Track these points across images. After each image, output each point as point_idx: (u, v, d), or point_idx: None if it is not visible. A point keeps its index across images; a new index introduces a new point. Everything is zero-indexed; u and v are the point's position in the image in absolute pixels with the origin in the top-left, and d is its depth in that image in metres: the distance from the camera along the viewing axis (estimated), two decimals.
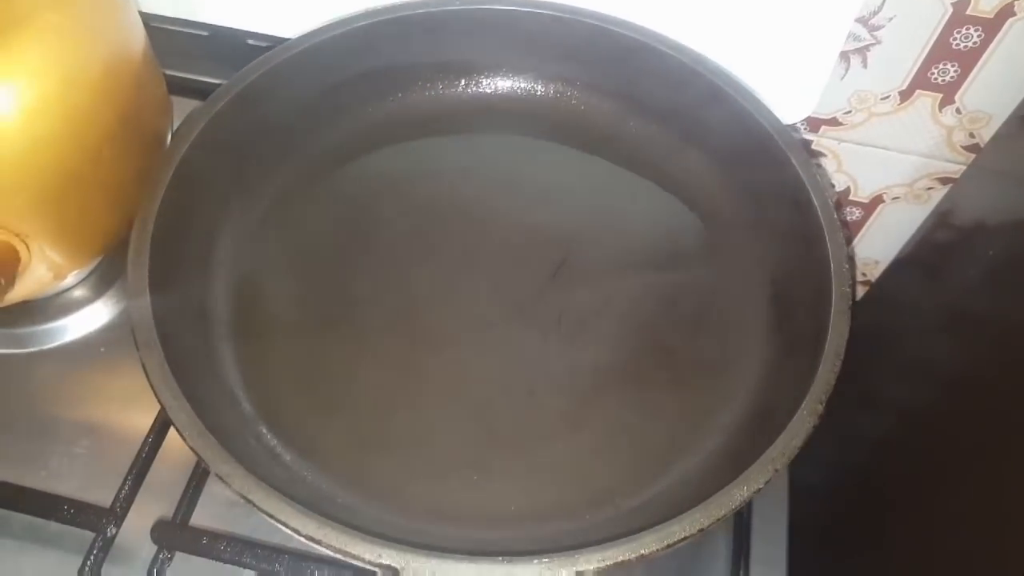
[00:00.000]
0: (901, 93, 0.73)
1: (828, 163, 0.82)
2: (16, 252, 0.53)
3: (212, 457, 0.47)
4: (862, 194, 0.85)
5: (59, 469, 0.60)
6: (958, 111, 0.74)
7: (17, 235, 0.53)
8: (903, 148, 0.79)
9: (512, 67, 0.72)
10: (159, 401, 0.48)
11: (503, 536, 0.53)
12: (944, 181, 0.81)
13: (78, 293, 0.67)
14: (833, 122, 0.77)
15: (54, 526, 0.56)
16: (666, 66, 0.67)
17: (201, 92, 0.73)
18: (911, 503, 0.72)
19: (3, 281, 0.51)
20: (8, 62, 0.49)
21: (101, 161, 0.56)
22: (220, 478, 0.46)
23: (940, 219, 0.83)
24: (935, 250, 0.84)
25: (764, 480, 0.48)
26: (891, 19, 0.67)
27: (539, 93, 0.72)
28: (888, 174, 0.82)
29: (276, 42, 0.70)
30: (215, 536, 0.54)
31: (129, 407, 0.63)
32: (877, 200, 0.85)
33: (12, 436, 0.61)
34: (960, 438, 0.68)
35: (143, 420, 0.61)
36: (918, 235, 0.86)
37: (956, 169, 0.79)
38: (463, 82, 0.72)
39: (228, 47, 0.75)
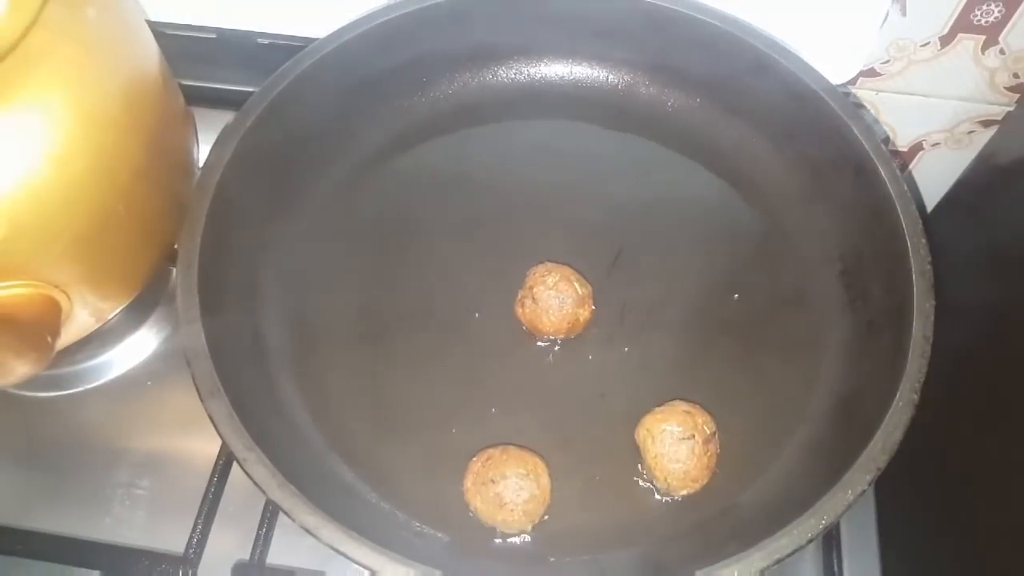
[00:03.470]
0: (942, 38, 0.70)
1: (866, 114, 0.80)
2: (57, 304, 0.50)
3: (296, 508, 0.45)
4: (901, 143, 0.82)
5: (122, 514, 0.58)
6: (1002, 51, 0.71)
7: (56, 286, 0.50)
8: (943, 94, 0.76)
9: (544, 49, 0.68)
10: (234, 456, 0.46)
11: (587, 557, 0.51)
12: (986, 124, 0.78)
13: (117, 325, 0.64)
14: (871, 72, 0.74)
15: None
16: (706, 36, 0.64)
17: (217, 100, 0.70)
18: (959, 445, 0.71)
19: (49, 339, 0.49)
20: (29, 105, 0.45)
21: (134, 197, 0.52)
22: (307, 530, 0.44)
23: (983, 162, 0.81)
24: (979, 193, 0.82)
25: (869, 480, 0.46)
26: None
27: (575, 75, 0.69)
28: (928, 121, 0.80)
29: (287, 40, 0.67)
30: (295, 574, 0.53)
31: (185, 439, 0.61)
32: (917, 148, 0.83)
33: (70, 483, 0.59)
34: (1005, 379, 0.67)
35: (200, 451, 0.59)
36: (962, 178, 0.84)
37: (999, 111, 0.77)
38: (496, 69, 0.68)
39: (238, 48, 0.71)
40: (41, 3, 0.45)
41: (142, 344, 0.64)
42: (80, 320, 0.54)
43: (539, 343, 0.59)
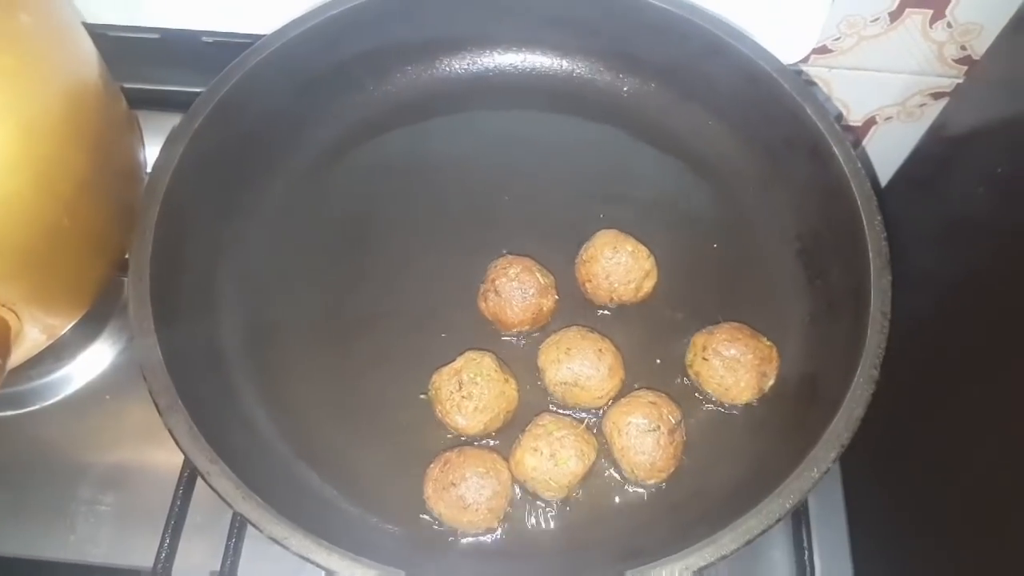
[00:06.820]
0: (891, 13, 0.71)
1: (819, 92, 0.80)
2: (6, 324, 0.49)
3: (263, 520, 0.44)
4: (855, 118, 0.83)
5: (87, 531, 0.57)
6: (949, 25, 0.72)
7: (3, 305, 0.48)
8: (894, 68, 0.77)
9: (497, 39, 0.67)
10: (196, 469, 0.45)
11: (559, 550, 0.52)
12: (936, 96, 0.79)
13: (71, 339, 0.62)
14: (823, 50, 0.74)
15: None
16: (659, 21, 0.63)
17: (163, 102, 0.68)
18: (919, 407, 0.73)
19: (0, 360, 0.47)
20: None
21: (79, 208, 0.51)
22: (276, 541, 0.44)
23: (935, 133, 0.82)
24: (932, 164, 0.83)
25: (833, 457, 0.47)
26: None
27: (529, 64, 0.68)
28: (880, 95, 0.80)
29: (233, 38, 0.65)
30: None
31: (147, 451, 0.60)
32: (870, 123, 0.84)
33: (31, 501, 0.58)
34: (961, 345, 0.68)
35: (164, 463, 0.58)
36: (915, 151, 0.85)
37: (948, 83, 0.78)
38: (449, 60, 0.67)
39: (183, 48, 0.69)
40: None
41: (98, 357, 0.63)
42: (31, 338, 0.52)
43: (504, 337, 0.58)
